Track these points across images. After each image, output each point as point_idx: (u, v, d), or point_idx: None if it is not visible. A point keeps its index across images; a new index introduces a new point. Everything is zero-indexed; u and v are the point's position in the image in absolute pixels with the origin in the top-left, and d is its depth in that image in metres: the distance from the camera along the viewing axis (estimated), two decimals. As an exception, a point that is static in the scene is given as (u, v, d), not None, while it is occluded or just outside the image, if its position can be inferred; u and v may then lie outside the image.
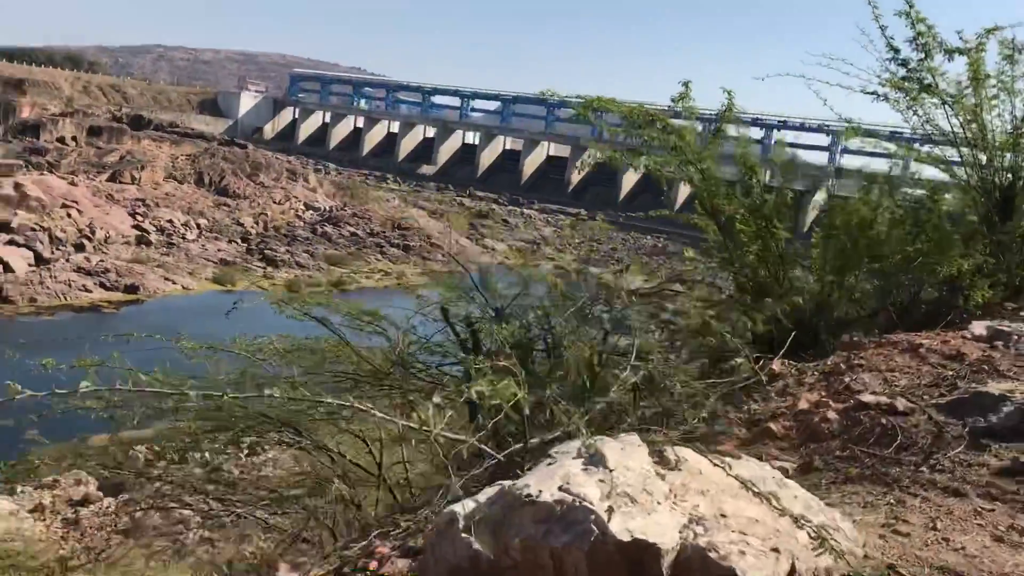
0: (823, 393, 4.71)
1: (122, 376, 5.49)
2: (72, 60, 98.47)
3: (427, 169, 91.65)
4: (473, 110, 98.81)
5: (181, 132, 77.73)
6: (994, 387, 4.39)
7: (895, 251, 7.78)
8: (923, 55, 7.94)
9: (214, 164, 71.07)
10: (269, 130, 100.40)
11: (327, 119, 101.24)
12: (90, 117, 74.13)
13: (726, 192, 7.85)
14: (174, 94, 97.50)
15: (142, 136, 72.36)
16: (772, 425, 4.42)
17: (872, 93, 8.26)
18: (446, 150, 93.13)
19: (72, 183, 59.12)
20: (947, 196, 8.41)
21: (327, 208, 71.94)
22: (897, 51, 7.97)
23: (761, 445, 4.32)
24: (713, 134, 8.12)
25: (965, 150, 8.28)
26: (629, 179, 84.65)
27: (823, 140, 78.05)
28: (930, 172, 9.31)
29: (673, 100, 7.90)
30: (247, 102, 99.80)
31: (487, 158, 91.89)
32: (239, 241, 62.24)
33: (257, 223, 66.10)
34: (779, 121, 76.69)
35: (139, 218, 59.51)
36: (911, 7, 7.79)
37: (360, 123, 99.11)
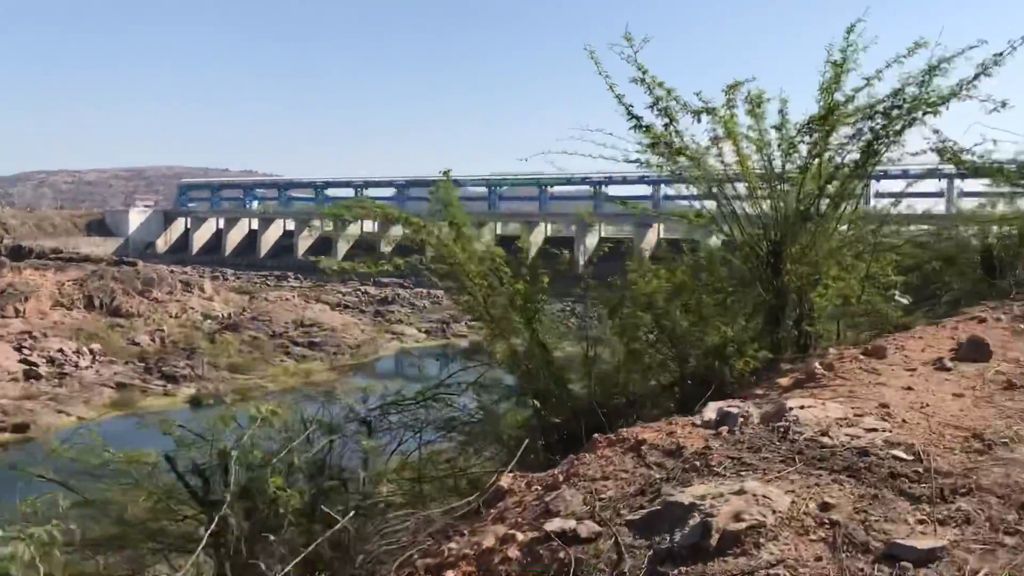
0: (519, 520, 4.20)
1: None
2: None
3: (327, 263, 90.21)
4: (370, 197, 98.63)
5: (66, 257, 75.33)
6: (690, 493, 3.94)
7: (673, 320, 7.48)
8: (667, 120, 7.78)
9: (103, 286, 68.82)
10: (162, 243, 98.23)
11: (221, 225, 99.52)
12: (-37, 255, 71.38)
13: (488, 284, 7.50)
14: (58, 219, 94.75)
15: (23, 266, 69.84)
16: (450, 573, 3.87)
17: (635, 161, 8.09)
18: (346, 241, 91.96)
19: (-53, 326, 56.45)
20: (726, 257, 8.22)
21: (226, 315, 70.24)
22: (639, 118, 7.80)
23: (434, 601, 3.76)
24: (451, 225, 7.80)
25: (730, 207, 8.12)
26: (532, 249, 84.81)
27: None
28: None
29: (431, 192, 7.61)
30: (136, 218, 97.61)
31: (388, 244, 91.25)
32: (136, 361, 59.97)
33: (154, 340, 63.92)
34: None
35: (26, 352, 56.86)
36: (644, 73, 7.63)
37: (255, 225, 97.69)
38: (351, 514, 4.68)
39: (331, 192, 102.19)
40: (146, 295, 69.35)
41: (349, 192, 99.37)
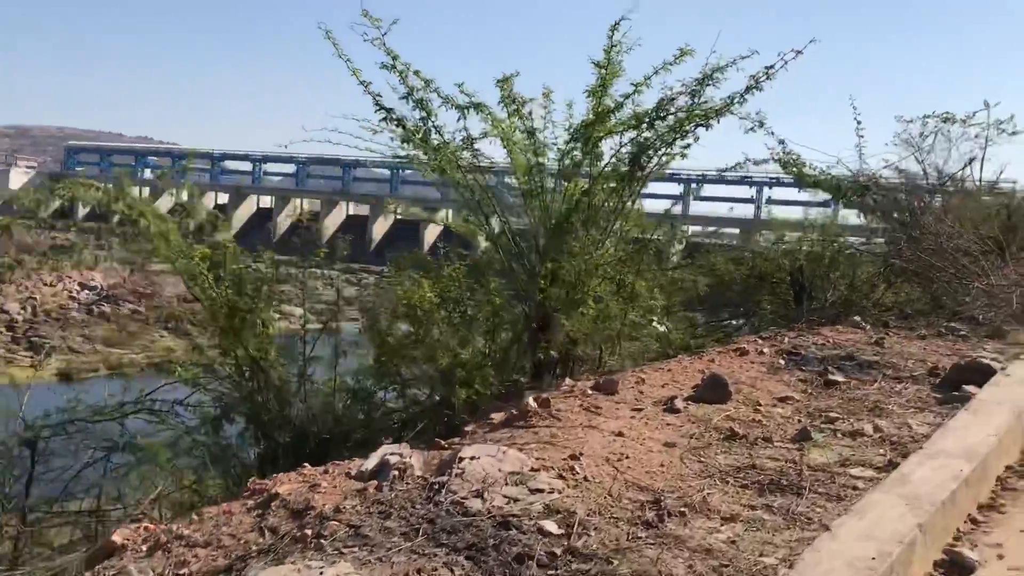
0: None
1: None
2: None
3: (220, 236, 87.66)
4: (266, 174, 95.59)
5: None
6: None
7: (428, 335, 6.79)
8: (424, 113, 7.07)
9: (-30, 250, 65.13)
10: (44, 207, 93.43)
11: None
12: None
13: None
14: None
15: None
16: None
17: (403, 158, 7.39)
18: (240, 216, 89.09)
19: None
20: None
21: (105, 286, 67.26)
22: (389, 110, 7.07)
23: None
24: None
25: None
26: (432, 233, 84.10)
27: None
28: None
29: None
30: (17, 179, 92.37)
31: (284, 221, 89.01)
32: (3, 330, 56.85)
33: (25, 308, 60.69)
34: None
35: None
36: (395, 59, 6.88)
37: (146, 194, 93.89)
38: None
39: (229, 164, 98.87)
40: (19, 262, 65.98)
41: (247, 166, 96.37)
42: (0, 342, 53.72)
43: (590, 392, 5.86)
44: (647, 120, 7.20)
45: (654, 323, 7.82)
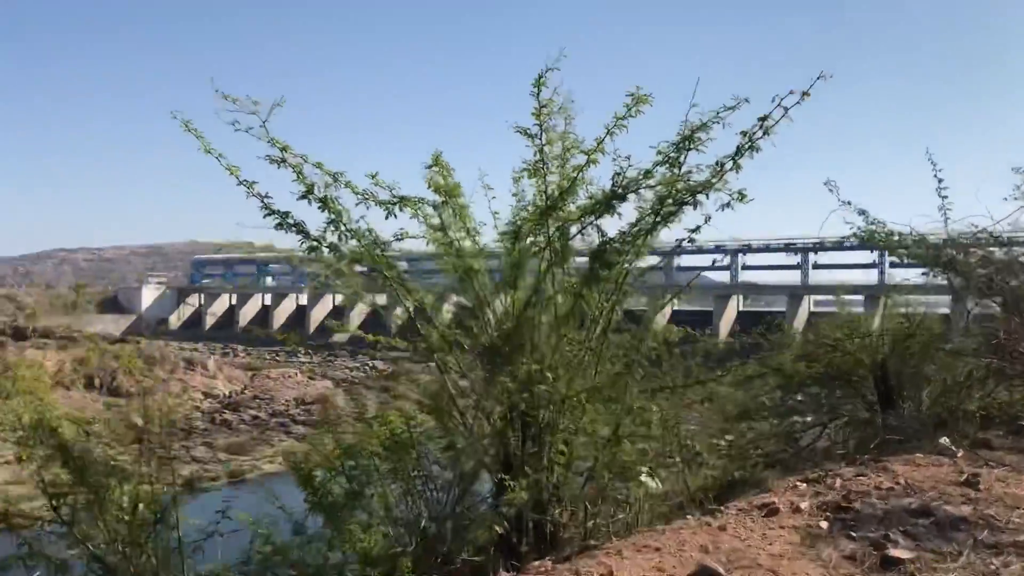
0: None
1: None
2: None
3: (339, 337, 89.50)
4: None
5: (70, 336, 74.68)
6: None
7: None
8: (333, 216, 5.68)
9: (103, 364, 68.16)
10: (175, 320, 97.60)
11: (233, 301, 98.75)
12: (-39, 336, 71.20)
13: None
14: (72, 297, 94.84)
15: (27, 345, 69.18)
16: None
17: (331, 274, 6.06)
18: (356, 315, 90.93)
19: (-63, 408, 55.46)
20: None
21: (227, 394, 69.07)
22: (284, 215, 5.71)
23: None
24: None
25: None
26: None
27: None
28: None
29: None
30: (149, 295, 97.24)
31: (399, 317, 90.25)
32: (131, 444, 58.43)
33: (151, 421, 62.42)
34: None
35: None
36: (284, 151, 5.55)
37: (268, 300, 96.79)
38: None
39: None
40: (147, 374, 68.41)
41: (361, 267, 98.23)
42: (129, 455, 55.05)
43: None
44: (602, 204, 5.56)
45: (642, 477, 5.87)
